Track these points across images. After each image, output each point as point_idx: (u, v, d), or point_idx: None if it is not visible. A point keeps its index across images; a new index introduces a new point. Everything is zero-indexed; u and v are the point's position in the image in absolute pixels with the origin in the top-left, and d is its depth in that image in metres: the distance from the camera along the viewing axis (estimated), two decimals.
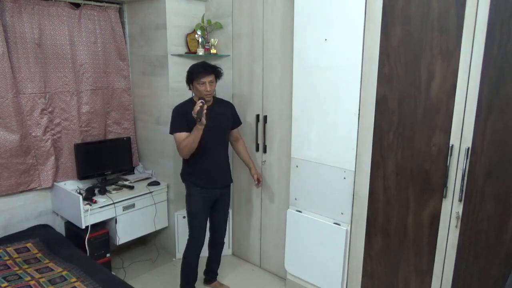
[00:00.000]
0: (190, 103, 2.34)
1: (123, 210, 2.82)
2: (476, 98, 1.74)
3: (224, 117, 2.47)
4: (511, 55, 1.63)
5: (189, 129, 2.26)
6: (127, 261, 3.12)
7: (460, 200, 1.87)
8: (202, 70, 2.27)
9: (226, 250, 3.13)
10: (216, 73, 2.33)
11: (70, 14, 2.79)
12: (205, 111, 2.14)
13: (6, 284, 2.02)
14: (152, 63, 3.00)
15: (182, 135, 2.28)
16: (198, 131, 2.20)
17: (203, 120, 2.14)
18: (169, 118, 2.39)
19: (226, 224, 2.73)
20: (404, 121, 2.00)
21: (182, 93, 2.85)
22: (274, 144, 2.76)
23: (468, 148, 1.80)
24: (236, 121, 2.59)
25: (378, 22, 2.00)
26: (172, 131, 2.34)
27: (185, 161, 2.45)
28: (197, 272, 2.60)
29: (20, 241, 2.50)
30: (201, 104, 2.14)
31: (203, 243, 2.52)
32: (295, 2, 2.33)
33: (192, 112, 2.15)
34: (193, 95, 2.39)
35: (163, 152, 3.09)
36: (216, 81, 2.36)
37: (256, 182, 2.65)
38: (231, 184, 2.64)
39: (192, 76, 2.29)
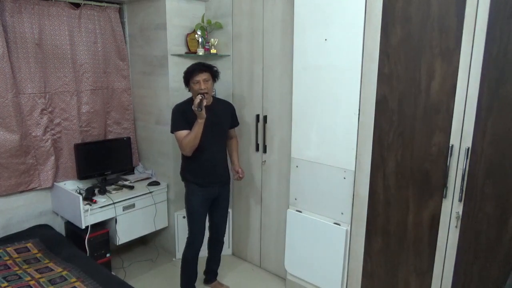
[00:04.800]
0: (189, 102, 2.36)
1: (123, 210, 2.82)
2: (476, 98, 1.74)
3: (223, 116, 2.48)
4: (511, 55, 1.63)
5: (189, 127, 2.28)
6: (127, 261, 3.12)
7: (460, 200, 1.87)
8: (195, 68, 2.30)
9: (226, 250, 3.14)
10: (211, 71, 2.34)
11: (70, 14, 2.79)
12: (204, 103, 2.18)
13: (6, 284, 2.02)
14: (152, 63, 3.00)
15: (183, 132, 2.30)
16: (199, 126, 2.22)
17: (203, 112, 2.18)
18: (169, 118, 2.40)
19: (226, 223, 2.73)
20: (404, 121, 2.00)
21: (182, 93, 2.84)
22: (274, 144, 2.76)
23: (468, 148, 1.80)
24: (234, 122, 2.61)
25: (378, 22, 2.00)
26: (173, 130, 2.36)
27: (184, 160, 2.46)
28: (196, 272, 2.60)
29: (20, 241, 2.50)
30: (201, 97, 2.18)
31: (202, 242, 2.52)
32: (295, 2, 2.33)
33: (193, 106, 2.18)
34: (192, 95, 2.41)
35: (163, 152, 3.09)
36: (213, 80, 2.37)
37: (238, 175, 2.61)
38: (230, 183, 2.63)
39: (187, 76, 2.34)
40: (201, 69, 2.30)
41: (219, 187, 2.51)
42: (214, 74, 2.38)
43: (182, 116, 2.33)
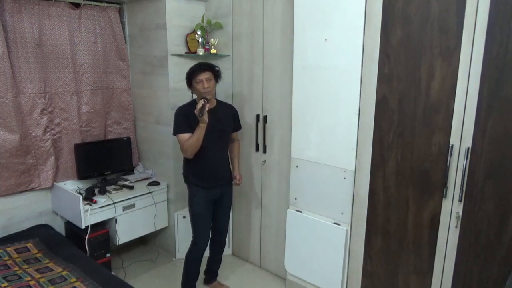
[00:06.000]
0: (192, 104, 2.36)
1: (123, 210, 2.82)
2: (476, 98, 1.74)
3: (226, 119, 2.49)
4: (511, 55, 1.63)
5: (192, 129, 2.28)
6: (127, 261, 3.12)
7: (460, 200, 1.87)
8: (198, 68, 2.31)
9: (226, 250, 3.13)
10: (213, 70, 2.34)
11: (70, 14, 2.79)
12: (207, 108, 2.17)
13: (6, 284, 2.02)
14: (152, 63, 3.00)
15: (185, 135, 2.30)
16: (201, 130, 2.22)
17: (205, 117, 2.17)
18: (169, 118, 2.40)
19: (228, 224, 2.72)
20: (404, 121, 2.00)
21: (182, 93, 2.85)
22: (274, 144, 2.76)
23: (468, 148, 1.80)
24: (236, 125, 2.62)
25: (378, 22, 2.00)
26: (176, 132, 2.36)
27: (186, 162, 2.46)
28: (198, 272, 2.61)
29: (20, 241, 2.50)
30: (203, 102, 2.16)
31: (206, 244, 2.53)
32: (295, 2, 2.33)
33: (195, 110, 2.17)
34: (194, 97, 2.40)
35: (163, 152, 3.09)
36: (215, 80, 2.37)
37: (235, 181, 2.64)
38: (232, 184, 2.64)
39: (190, 76, 2.33)
40: (203, 68, 2.30)
41: (221, 188, 2.51)
42: (216, 74, 2.38)
43: (185, 118, 2.33)
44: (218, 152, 2.45)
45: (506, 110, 1.67)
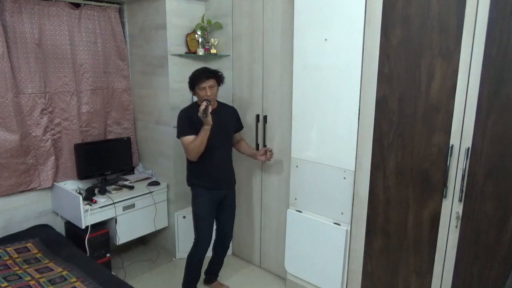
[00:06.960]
0: (195, 106, 2.37)
1: (123, 210, 2.82)
2: (476, 98, 1.74)
3: (228, 120, 2.50)
4: (511, 55, 1.63)
5: (195, 132, 2.29)
6: (127, 261, 3.12)
7: (460, 200, 1.87)
8: (202, 75, 2.30)
9: None
10: (217, 77, 2.35)
11: (70, 14, 2.80)
12: (210, 109, 2.17)
13: (6, 284, 2.02)
14: (152, 63, 3.00)
15: (190, 138, 2.30)
16: (205, 132, 2.23)
17: (209, 118, 2.17)
18: (169, 118, 2.40)
19: (233, 227, 2.71)
20: (404, 121, 2.00)
21: (182, 93, 2.85)
22: (274, 144, 2.76)
23: (468, 148, 1.80)
24: (239, 125, 2.63)
25: (378, 22, 2.00)
26: (180, 135, 2.36)
27: (190, 165, 2.46)
28: (200, 273, 2.61)
29: (20, 241, 2.50)
30: (206, 103, 2.17)
31: (209, 245, 2.53)
32: (295, 2, 2.33)
33: (198, 113, 2.17)
34: (195, 99, 2.40)
35: (163, 152, 3.09)
36: (218, 86, 2.38)
37: (270, 153, 2.54)
38: (235, 187, 2.63)
39: (193, 82, 2.34)
40: (207, 76, 2.30)
41: (225, 189, 2.51)
42: (219, 79, 2.38)
43: (188, 121, 2.33)
44: (222, 153, 2.46)
45: (506, 110, 1.67)
